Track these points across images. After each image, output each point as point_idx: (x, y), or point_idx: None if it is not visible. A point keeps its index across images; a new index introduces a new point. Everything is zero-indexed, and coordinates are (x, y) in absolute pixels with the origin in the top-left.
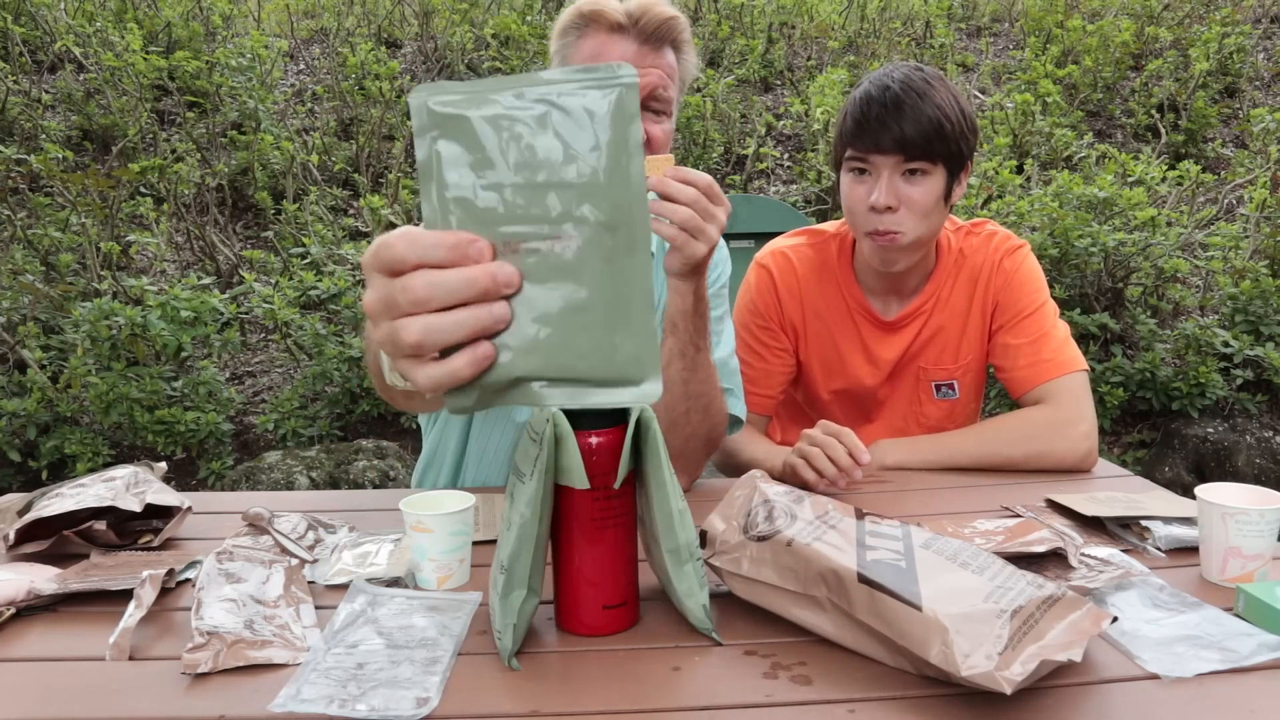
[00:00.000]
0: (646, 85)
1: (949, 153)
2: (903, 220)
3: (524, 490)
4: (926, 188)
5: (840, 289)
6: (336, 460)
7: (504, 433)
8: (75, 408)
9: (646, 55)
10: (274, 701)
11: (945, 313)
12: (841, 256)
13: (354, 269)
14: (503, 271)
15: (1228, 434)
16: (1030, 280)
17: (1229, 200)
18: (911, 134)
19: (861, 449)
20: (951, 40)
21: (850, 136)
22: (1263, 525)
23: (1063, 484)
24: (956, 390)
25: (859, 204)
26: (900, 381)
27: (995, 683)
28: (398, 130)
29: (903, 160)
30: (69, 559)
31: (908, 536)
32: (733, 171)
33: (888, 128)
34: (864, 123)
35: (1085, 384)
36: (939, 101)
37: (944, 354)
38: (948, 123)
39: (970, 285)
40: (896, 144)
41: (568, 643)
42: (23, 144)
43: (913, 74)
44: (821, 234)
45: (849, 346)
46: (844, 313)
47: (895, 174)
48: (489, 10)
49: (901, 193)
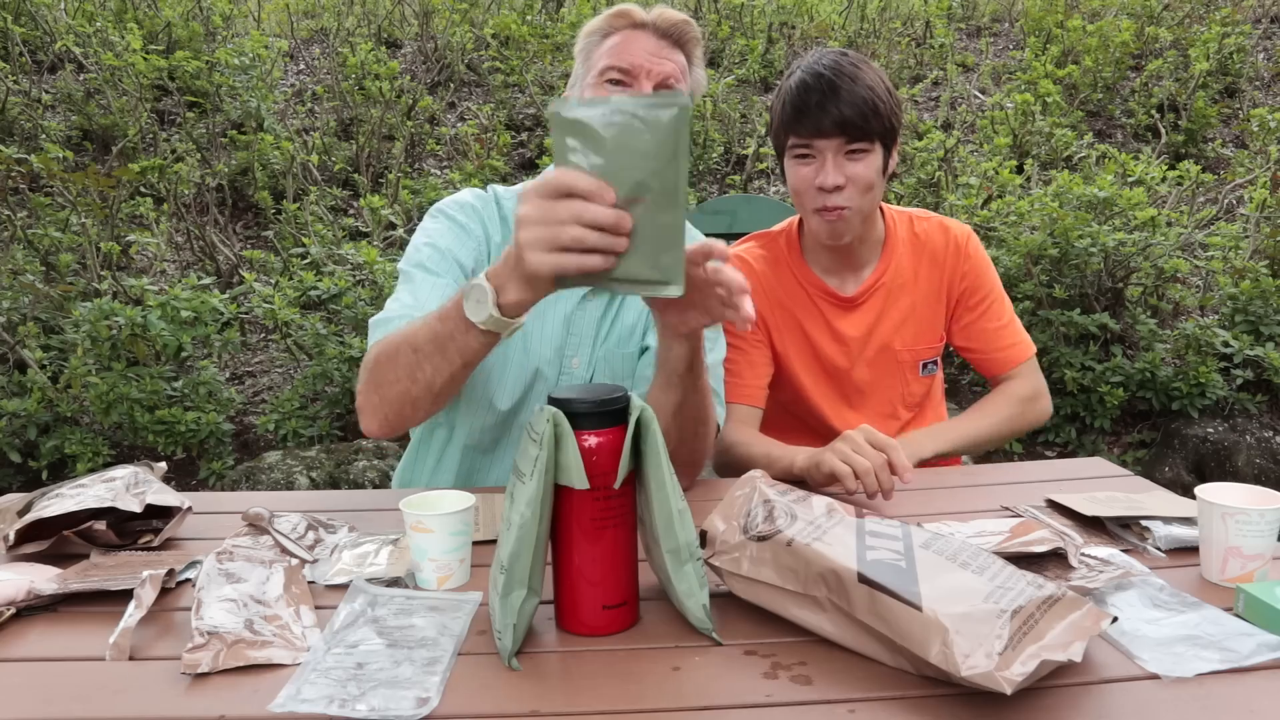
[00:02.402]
0: (661, 73)
1: (884, 129)
2: (850, 196)
3: (524, 490)
4: (867, 163)
5: (795, 277)
6: (336, 460)
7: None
8: (75, 408)
9: (664, 49)
10: (274, 701)
11: (914, 293)
12: (791, 247)
13: (354, 269)
14: (624, 219)
15: (1228, 434)
16: (988, 264)
17: (1229, 200)
18: (850, 115)
19: (908, 466)
20: (951, 40)
21: (791, 123)
22: (1263, 525)
23: (1062, 484)
24: (938, 365)
25: (805, 184)
26: (881, 366)
27: (995, 683)
28: (398, 130)
29: (844, 142)
30: (69, 559)
31: (908, 536)
32: (733, 171)
33: (827, 111)
34: (803, 109)
35: (1036, 360)
36: (870, 82)
37: (922, 334)
38: (880, 101)
39: (934, 267)
40: (837, 126)
41: (568, 643)
42: (23, 144)
43: (840, 59)
44: (767, 234)
45: (815, 328)
46: (804, 298)
47: (839, 154)
48: (489, 10)
49: (847, 170)
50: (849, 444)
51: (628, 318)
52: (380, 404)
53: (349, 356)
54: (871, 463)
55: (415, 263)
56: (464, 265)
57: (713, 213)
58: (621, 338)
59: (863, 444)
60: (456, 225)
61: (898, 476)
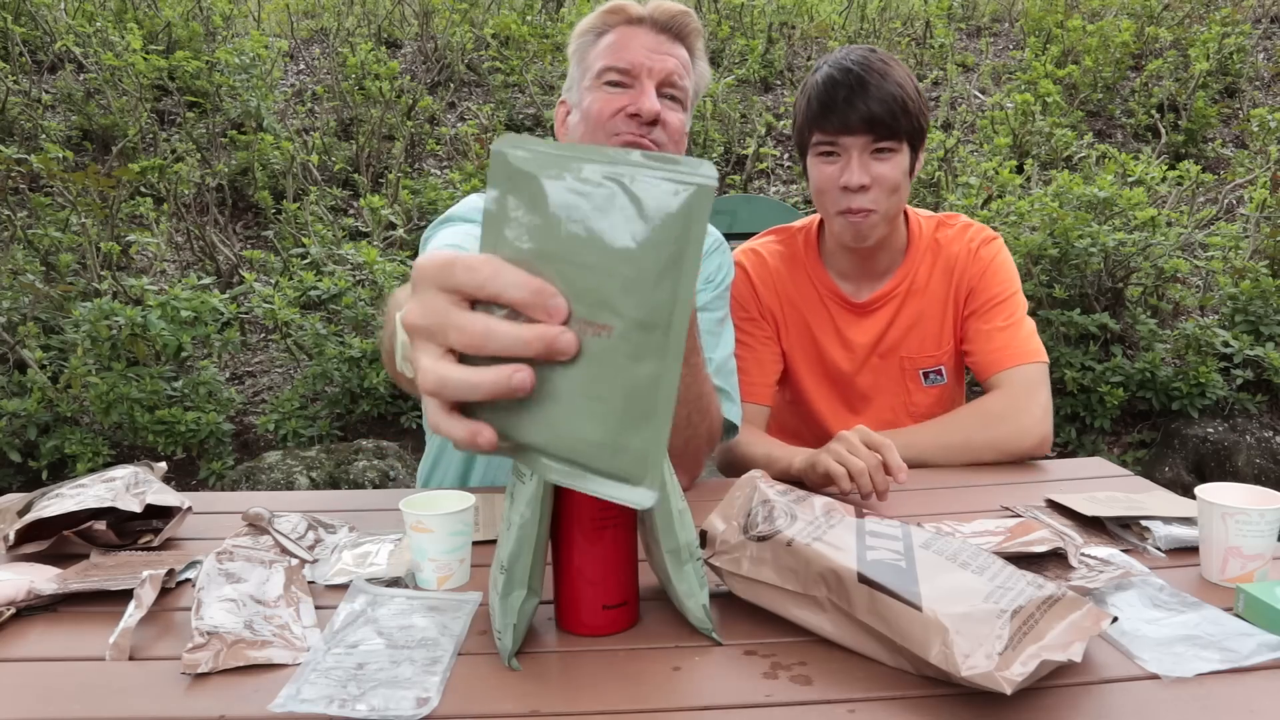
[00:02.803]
0: (663, 70)
1: (912, 129)
2: (875, 197)
3: (524, 490)
4: (894, 164)
5: (810, 276)
6: (336, 460)
7: None
8: (75, 408)
9: (664, 44)
10: (274, 701)
11: (924, 300)
12: (808, 246)
13: (354, 269)
14: (562, 340)
15: (1228, 434)
16: (1003, 269)
17: (1229, 200)
18: (879, 112)
19: (902, 466)
20: (951, 40)
21: (817, 119)
22: (1263, 525)
23: (1062, 484)
24: (945, 375)
25: (830, 184)
26: (884, 372)
27: (995, 683)
28: (397, 130)
29: (871, 140)
30: (69, 559)
31: (908, 536)
32: (733, 171)
33: (855, 107)
34: (830, 105)
35: (1043, 374)
36: (899, 80)
37: (926, 341)
38: (910, 100)
39: (947, 274)
40: (865, 123)
41: (568, 643)
42: (23, 144)
43: (870, 55)
44: (787, 230)
45: (822, 331)
46: (815, 299)
47: (865, 153)
48: (489, 10)
49: (872, 170)
50: (844, 444)
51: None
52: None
53: (349, 356)
54: (866, 463)
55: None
56: None
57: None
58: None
59: (858, 444)
60: (469, 224)
61: (892, 477)
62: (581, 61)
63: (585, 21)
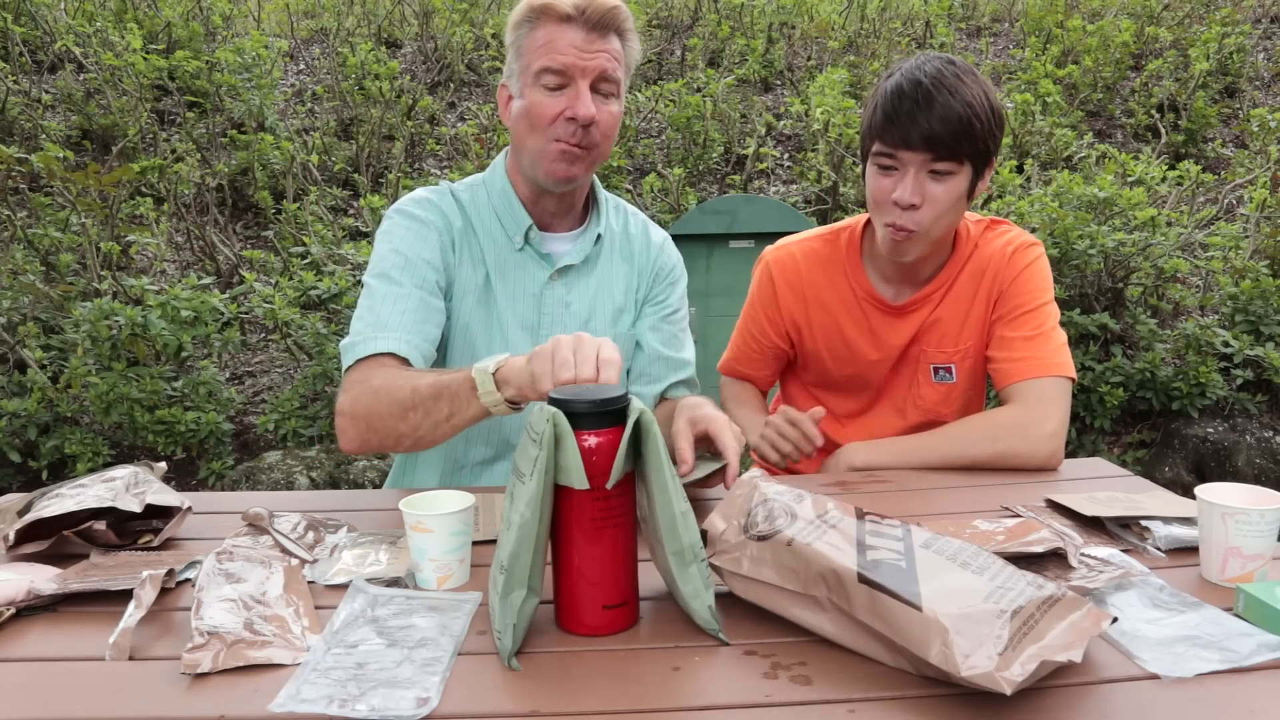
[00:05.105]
0: (596, 69)
1: (976, 151)
2: (923, 218)
3: (524, 490)
4: (950, 186)
5: (848, 278)
6: (336, 460)
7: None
8: (75, 408)
9: (594, 41)
10: (274, 701)
11: (950, 298)
12: (850, 247)
13: (354, 269)
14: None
15: (1228, 434)
16: (1036, 277)
17: (1229, 200)
18: (940, 131)
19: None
20: (951, 40)
21: (879, 130)
22: (1263, 525)
23: (1062, 484)
24: (954, 375)
25: (883, 195)
26: (903, 365)
27: (995, 683)
28: (397, 130)
29: (930, 159)
30: (69, 559)
31: (908, 536)
32: (733, 171)
33: (917, 123)
34: (893, 117)
35: (1064, 389)
36: (969, 99)
37: (945, 338)
38: (977, 120)
39: (978, 275)
40: (925, 140)
41: (568, 643)
42: (23, 144)
43: (944, 67)
44: (835, 230)
45: (856, 333)
46: (851, 301)
47: (922, 171)
48: (489, 10)
49: (927, 190)
50: (772, 429)
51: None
52: (367, 435)
53: None
54: (791, 441)
55: (377, 273)
56: (430, 262)
57: (713, 213)
58: (608, 319)
59: (783, 425)
60: (415, 221)
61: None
62: (519, 56)
63: (517, 13)
